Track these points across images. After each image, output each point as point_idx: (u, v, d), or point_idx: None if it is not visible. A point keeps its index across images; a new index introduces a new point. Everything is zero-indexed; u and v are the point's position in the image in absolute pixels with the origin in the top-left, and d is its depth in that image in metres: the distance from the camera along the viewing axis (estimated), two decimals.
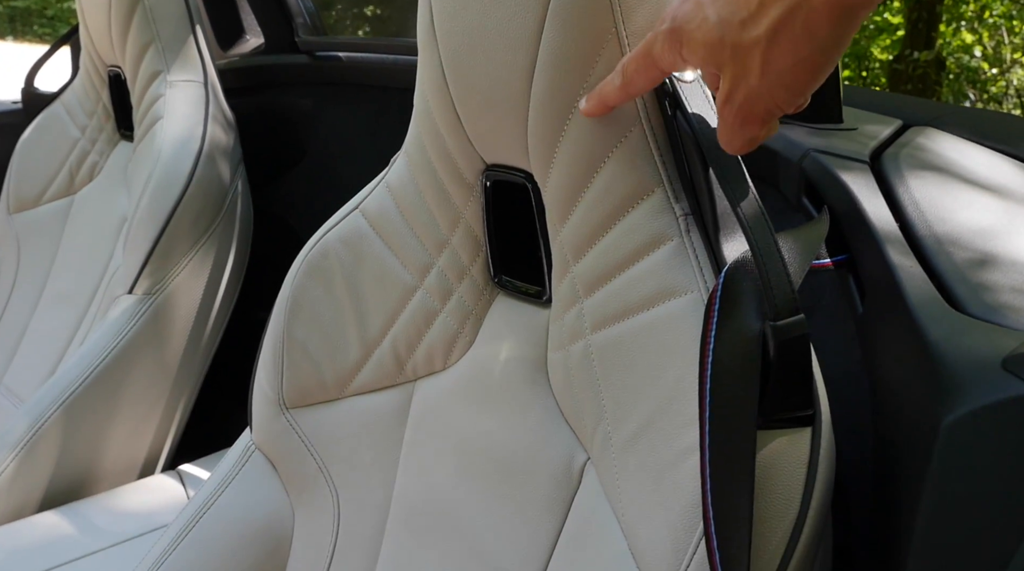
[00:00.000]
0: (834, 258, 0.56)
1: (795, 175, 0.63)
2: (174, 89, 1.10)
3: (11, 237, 1.27)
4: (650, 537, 0.48)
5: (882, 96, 0.82)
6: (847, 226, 0.57)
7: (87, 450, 0.98)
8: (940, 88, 6.14)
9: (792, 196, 0.64)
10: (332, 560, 0.69)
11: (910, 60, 5.83)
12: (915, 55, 5.82)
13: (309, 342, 0.69)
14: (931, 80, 5.94)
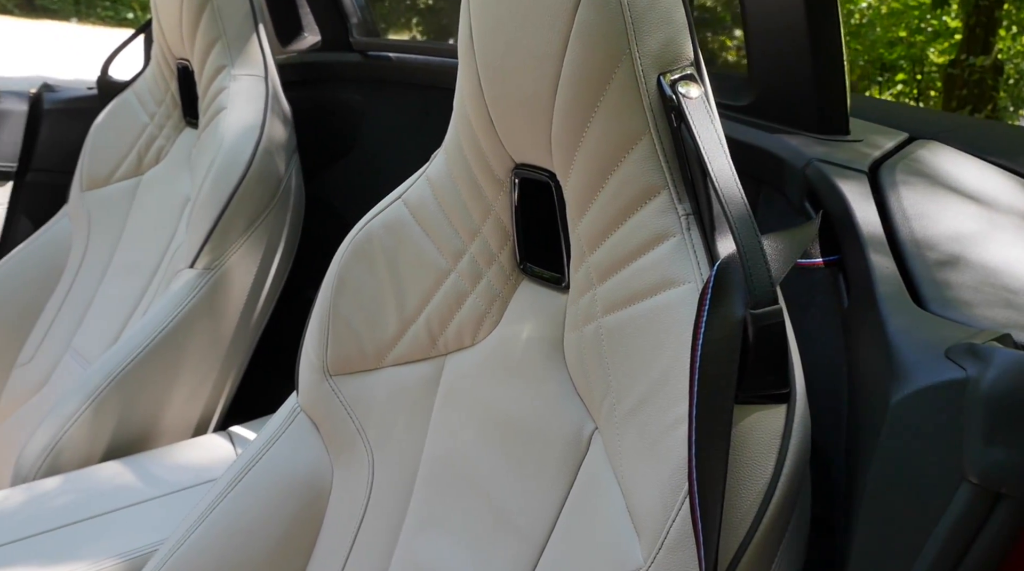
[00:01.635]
0: (826, 258, 0.62)
1: (799, 181, 0.69)
2: (237, 82, 1.19)
3: (83, 212, 1.37)
4: (643, 496, 0.55)
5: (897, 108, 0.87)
6: (840, 229, 0.62)
7: (148, 408, 1.08)
8: (997, 94, 6.04)
9: (796, 200, 0.70)
10: (366, 512, 0.76)
11: (966, 65, 5.75)
12: (972, 60, 5.73)
13: (352, 316, 0.77)
14: (988, 86, 5.85)
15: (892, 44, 6.27)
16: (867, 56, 6.30)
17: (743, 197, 0.52)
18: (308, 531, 0.78)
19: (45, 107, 1.52)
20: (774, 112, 0.77)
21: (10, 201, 1.52)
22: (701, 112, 0.55)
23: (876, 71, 6.49)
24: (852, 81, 5.96)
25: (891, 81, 6.53)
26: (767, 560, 0.51)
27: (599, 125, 0.57)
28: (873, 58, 6.33)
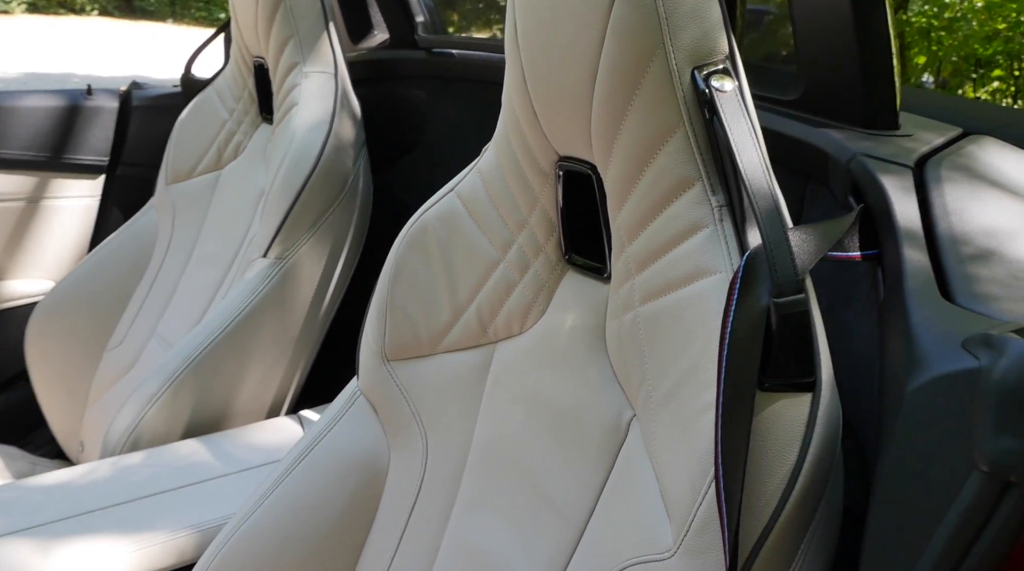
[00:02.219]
0: (865, 252, 0.62)
1: (842, 176, 0.69)
2: (308, 79, 1.24)
3: (168, 204, 1.45)
4: (674, 480, 0.57)
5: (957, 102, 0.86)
6: (879, 224, 0.63)
7: (223, 391, 1.14)
8: None
9: (840, 195, 0.70)
10: (420, 492, 0.80)
11: None
12: None
13: (408, 304, 0.81)
14: None
15: (988, 39, 5.99)
16: (960, 52, 6.03)
17: (771, 190, 0.53)
18: (367, 509, 0.83)
19: (133, 104, 1.61)
20: (822, 107, 0.77)
21: (102, 193, 1.62)
22: (734, 106, 0.56)
23: (970, 68, 6.21)
24: (944, 78, 5.72)
25: (986, 78, 6.24)
26: (792, 545, 0.52)
27: (635, 118, 0.59)
28: (967, 54, 6.06)
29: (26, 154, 1.54)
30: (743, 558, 0.51)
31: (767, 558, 0.52)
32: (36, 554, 0.83)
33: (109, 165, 1.62)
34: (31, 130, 1.54)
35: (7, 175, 1.54)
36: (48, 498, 0.93)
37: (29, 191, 1.57)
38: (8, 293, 1.59)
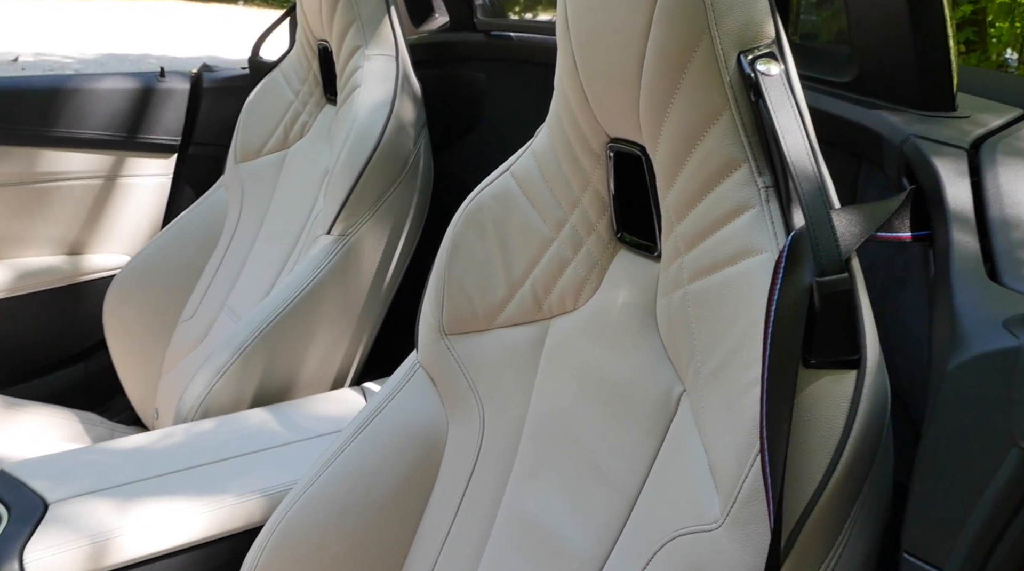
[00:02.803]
0: (916, 233, 0.62)
1: (896, 158, 0.69)
2: (371, 62, 1.27)
3: (237, 183, 1.51)
4: (722, 454, 0.59)
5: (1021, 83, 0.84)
6: (931, 205, 0.63)
7: (289, 362, 1.19)
8: None
9: (893, 177, 0.71)
10: (477, 463, 0.83)
11: None
12: None
13: (465, 280, 0.84)
14: None
15: None
16: None
17: (816, 172, 0.54)
18: (425, 478, 0.86)
19: (204, 86, 1.67)
20: (877, 88, 0.76)
21: (174, 172, 1.69)
22: (779, 89, 0.57)
23: None
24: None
25: None
26: (838, 519, 0.54)
27: (682, 101, 0.60)
28: None
29: (104, 134, 1.61)
30: (788, 530, 0.53)
31: (812, 530, 0.53)
32: (116, 512, 0.89)
33: (181, 145, 1.68)
34: (108, 111, 1.61)
35: (86, 154, 1.61)
36: (126, 461, 0.99)
37: (106, 169, 1.64)
38: (87, 266, 1.67)
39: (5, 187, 1.58)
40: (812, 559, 0.53)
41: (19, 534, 0.84)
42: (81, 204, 1.64)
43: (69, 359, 1.68)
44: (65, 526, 0.86)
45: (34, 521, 0.86)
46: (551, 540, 0.74)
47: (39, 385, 1.60)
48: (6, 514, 0.87)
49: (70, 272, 1.65)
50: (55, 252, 1.66)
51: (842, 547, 0.54)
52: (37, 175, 1.59)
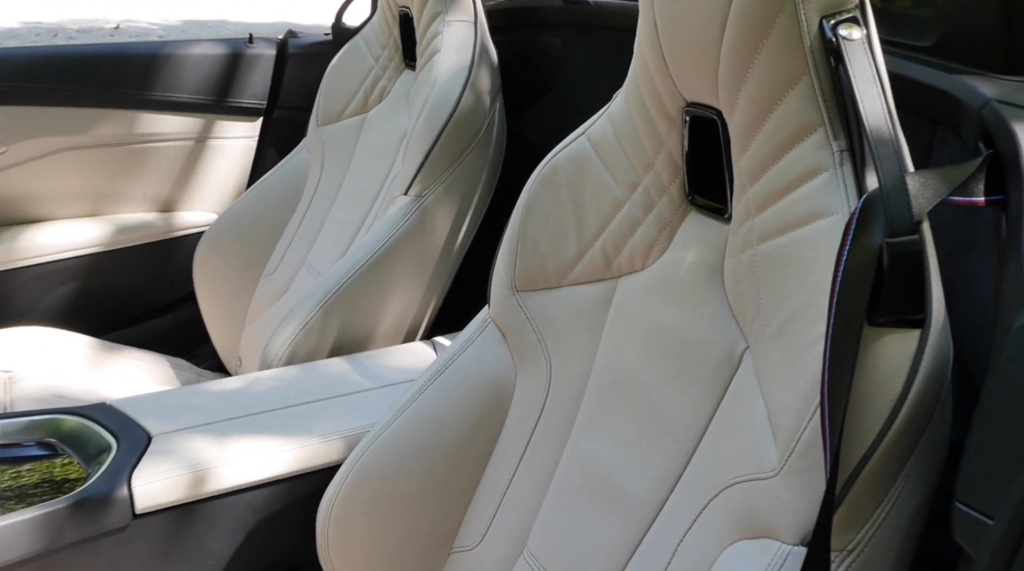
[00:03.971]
0: (990, 198, 0.63)
1: (974, 122, 0.70)
2: (450, 28, 1.31)
3: (318, 145, 1.57)
4: (782, 407, 0.61)
5: None
6: (1007, 170, 0.63)
7: (366, 315, 1.25)
8: None
9: (970, 141, 0.71)
10: (542, 412, 0.87)
11: None
12: None
13: (538, 239, 0.87)
14: None
15: None
16: None
17: (893, 136, 0.55)
18: (493, 425, 0.90)
19: (289, 51, 1.73)
20: (959, 52, 0.76)
21: (260, 134, 1.76)
22: (860, 54, 0.58)
23: None
24: None
25: None
26: (892, 472, 0.56)
27: (761, 66, 0.62)
28: None
29: (195, 98, 1.69)
30: (843, 479, 0.55)
31: (866, 482, 0.55)
32: (212, 445, 0.96)
33: (266, 108, 1.75)
34: (199, 76, 1.68)
35: (179, 117, 1.70)
36: (220, 401, 1.06)
37: (197, 132, 1.72)
38: (179, 223, 1.76)
39: (107, 147, 1.68)
40: (864, 508, 0.56)
41: (127, 462, 0.92)
42: (174, 164, 1.73)
43: (161, 309, 1.78)
44: (167, 456, 0.93)
45: (140, 451, 0.93)
46: (610, 487, 0.78)
47: (134, 332, 1.70)
48: (115, 444, 0.95)
49: (163, 228, 1.75)
50: (150, 209, 1.75)
51: (894, 499, 0.56)
52: (135, 136, 1.68)
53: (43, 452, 0.98)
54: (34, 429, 0.99)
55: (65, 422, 1.00)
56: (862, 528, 0.56)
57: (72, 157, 1.65)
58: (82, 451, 0.96)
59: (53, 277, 1.66)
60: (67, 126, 1.62)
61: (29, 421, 1.00)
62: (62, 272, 1.66)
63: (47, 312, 1.65)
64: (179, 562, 0.94)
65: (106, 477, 0.90)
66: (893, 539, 0.56)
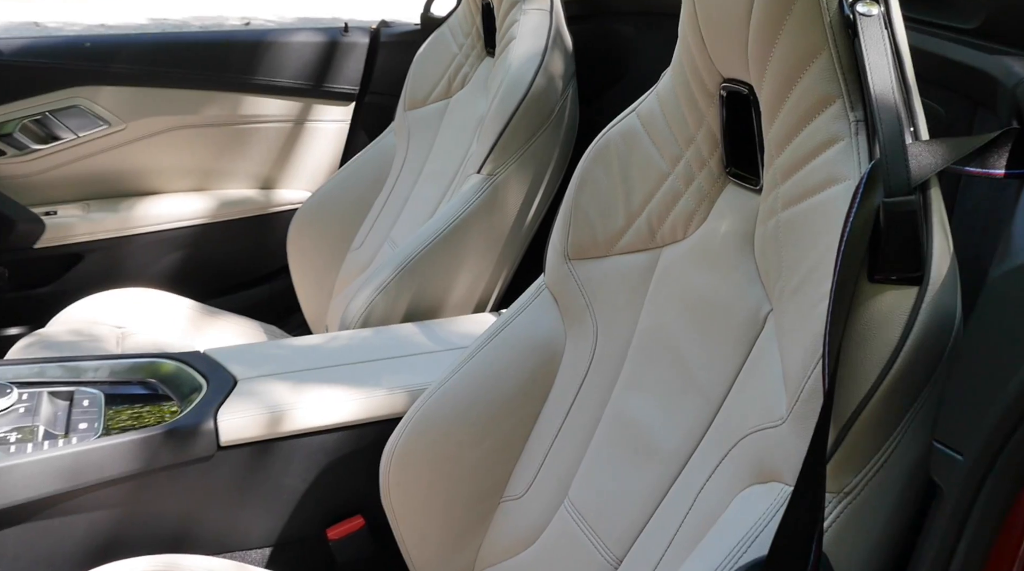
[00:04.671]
0: (1011, 171, 0.65)
1: (1008, 100, 0.72)
2: (527, 16, 1.38)
3: (404, 128, 1.66)
4: (792, 360, 0.65)
5: None
6: None
7: (438, 286, 1.33)
8: None
9: (1004, 119, 0.73)
10: (588, 372, 0.93)
11: None
12: None
13: (589, 210, 0.93)
14: None
15: None
16: None
17: (898, 104, 0.59)
18: (543, 383, 0.97)
19: (381, 40, 1.84)
20: (1003, 34, 0.78)
21: (352, 118, 1.88)
22: (875, 29, 0.62)
23: None
24: None
25: None
26: (890, 422, 0.59)
27: (785, 41, 0.66)
28: None
29: (293, 82, 1.82)
30: (840, 426, 0.59)
31: (863, 428, 0.59)
32: (289, 391, 1.06)
33: (359, 94, 1.86)
34: (298, 62, 1.81)
35: (279, 100, 1.83)
36: (300, 354, 1.16)
37: (294, 114, 1.85)
38: (276, 200, 1.90)
39: (213, 127, 1.82)
40: (862, 453, 0.59)
41: (215, 400, 1.02)
42: (273, 144, 1.86)
43: (258, 279, 1.92)
44: (249, 397, 1.04)
45: (226, 392, 1.04)
46: (644, 439, 0.83)
47: (232, 299, 1.84)
48: (205, 385, 1.06)
49: (262, 203, 1.88)
50: (250, 186, 1.89)
51: (893, 447, 0.59)
52: (239, 117, 1.82)
53: (145, 390, 1.10)
54: (138, 370, 1.12)
55: (164, 365, 1.12)
56: (859, 472, 0.60)
57: (182, 135, 1.80)
58: (177, 390, 1.08)
59: (163, 245, 1.82)
60: (179, 106, 1.77)
61: (134, 363, 1.12)
62: (171, 241, 1.82)
63: (156, 276, 1.81)
64: (257, 493, 1.04)
65: (196, 412, 1.01)
66: (892, 485, 0.60)
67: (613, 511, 0.84)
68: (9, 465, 0.91)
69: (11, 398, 1.01)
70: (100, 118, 1.74)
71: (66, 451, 0.94)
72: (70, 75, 1.70)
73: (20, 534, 0.94)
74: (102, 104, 1.73)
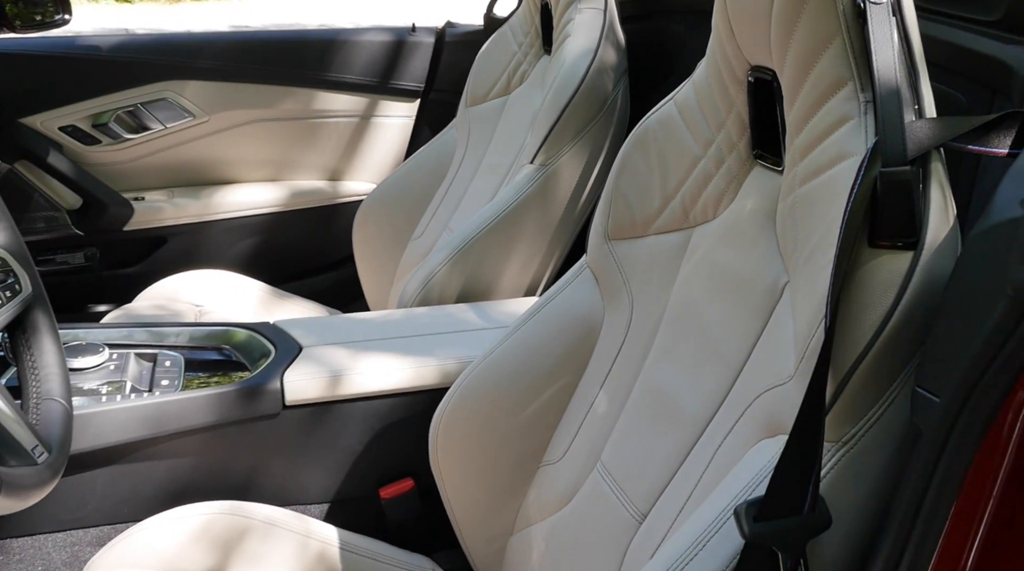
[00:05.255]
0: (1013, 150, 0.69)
1: (1021, 88, 0.75)
2: (581, 14, 1.45)
3: (465, 124, 1.75)
4: (801, 323, 0.71)
5: None
6: None
7: (491, 269, 1.41)
8: None
9: (1018, 105, 0.77)
10: (623, 344, 0.99)
11: None
12: None
13: (628, 193, 0.99)
14: None
15: None
16: None
17: (900, 85, 0.64)
18: (582, 355, 1.03)
19: (446, 39, 1.93)
20: (1022, 26, 0.82)
21: (417, 114, 1.97)
22: (882, 15, 0.67)
23: None
24: None
25: None
26: (886, 378, 0.64)
27: (803, 28, 0.72)
28: None
29: (362, 79, 1.92)
30: (839, 379, 0.64)
31: (860, 382, 0.64)
32: (349, 358, 1.15)
33: (424, 91, 1.96)
34: (367, 60, 1.91)
35: (348, 96, 1.94)
36: (359, 327, 1.25)
37: (362, 110, 1.96)
38: (343, 191, 2.01)
39: (288, 121, 1.94)
40: (860, 405, 0.64)
41: (281, 364, 1.12)
42: (342, 138, 1.97)
43: (325, 266, 2.03)
44: (313, 362, 1.13)
45: (291, 356, 1.14)
46: (671, 405, 0.89)
47: (300, 285, 1.96)
48: (273, 350, 1.16)
49: (330, 194, 2.00)
50: (319, 177, 2.01)
51: (890, 400, 0.64)
52: (310, 112, 1.94)
53: (219, 356, 1.21)
54: (214, 337, 1.22)
55: (237, 333, 1.22)
56: (857, 423, 0.65)
57: (259, 128, 1.92)
58: (248, 355, 1.18)
59: (238, 231, 1.94)
60: (257, 101, 1.90)
61: (210, 330, 1.23)
62: (246, 227, 1.95)
63: (232, 259, 1.93)
64: (316, 451, 1.13)
65: (264, 374, 1.11)
66: (888, 436, 0.64)
67: (640, 471, 0.90)
68: (100, 411, 1.02)
69: (103, 356, 1.12)
70: (186, 110, 1.87)
71: (150, 401, 1.05)
72: (160, 70, 1.84)
73: (108, 474, 1.05)
74: (188, 97, 1.86)
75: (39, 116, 1.79)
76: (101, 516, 1.07)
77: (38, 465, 0.73)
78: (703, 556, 0.67)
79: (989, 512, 0.53)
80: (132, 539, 0.99)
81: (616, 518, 0.91)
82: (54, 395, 0.83)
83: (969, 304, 0.54)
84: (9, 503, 0.67)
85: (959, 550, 0.54)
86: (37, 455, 0.73)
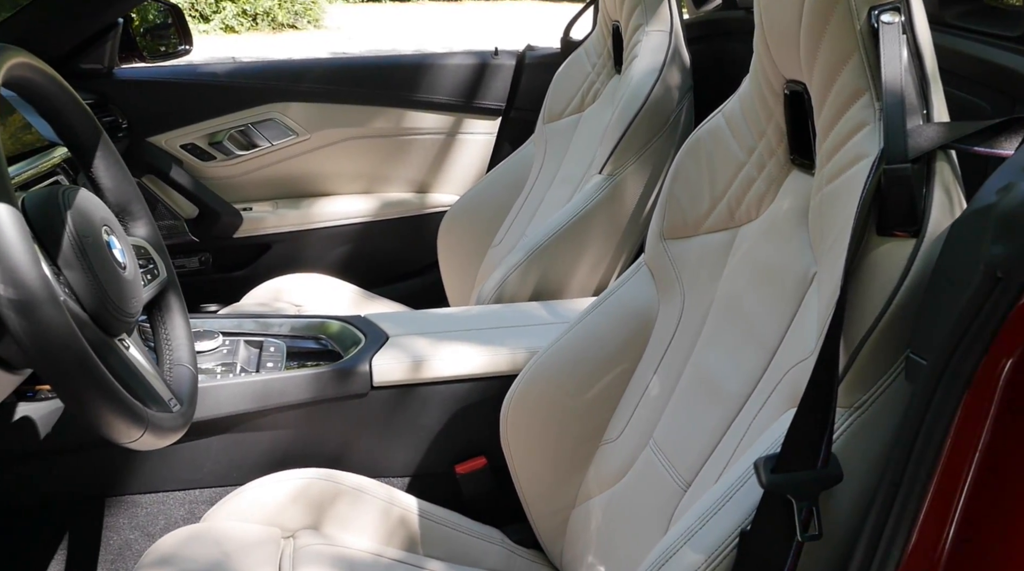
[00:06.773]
0: None
1: None
2: (648, 37, 1.56)
3: (542, 140, 1.88)
4: (823, 302, 0.80)
5: None
6: None
7: (561, 272, 1.52)
8: None
9: None
10: (675, 334, 1.09)
11: None
12: None
13: (681, 197, 1.09)
14: None
15: None
16: None
17: (904, 93, 0.73)
18: (638, 344, 1.14)
19: (526, 62, 2.07)
20: None
21: (498, 131, 2.12)
22: (893, 33, 0.76)
23: None
24: None
25: None
26: (895, 349, 0.72)
27: (827, 45, 0.81)
28: None
29: (448, 99, 2.08)
30: (851, 350, 0.73)
31: (869, 354, 0.72)
32: (430, 346, 1.28)
33: (505, 109, 2.10)
34: (453, 81, 2.07)
35: (435, 115, 2.10)
36: (440, 320, 1.39)
37: (447, 127, 2.11)
38: (429, 203, 2.16)
39: (379, 138, 2.11)
40: (870, 375, 0.73)
41: (371, 350, 1.26)
42: (428, 154, 2.13)
43: (412, 272, 2.19)
44: (398, 349, 1.27)
45: (379, 344, 1.28)
46: (715, 385, 0.98)
47: (389, 289, 2.11)
48: (364, 338, 1.30)
49: (417, 205, 2.15)
50: (407, 190, 2.17)
51: (896, 373, 0.72)
52: (400, 130, 2.11)
53: (316, 345, 1.36)
54: (312, 328, 1.38)
55: (331, 325, 1.37)
56: (868, 391, 0.73)
57: (354, 145, 2.10)
58: (341, 343, 1.33)
59: (334, 238, 2.12)
60: (351, 120, 2.08)
61: (309, 321, 1.39)
62: (341, 235, 2.12)
63: (328, 264, 2.11)
64: (400, 429, 1.27)
65: (355, 358, 1.25)
66: (896, 403, 0.73)
67: (686, 445, 1.00)
68: (216, 385, 1.18)
69: (217, 342, 1.29)
70: (290, 129, 2.07)
71: (257, 379, 1.20)
72: (268, 93, 2.04)
73: (221, 441, 1.21)
74: (292, 118, 2.06)
75: (164, 135, 2.02)
76: (214, 478, 1.23)
77: (172, 413, 0.88)
78: (729, 507, 0.76)
79: (976, 459, 0.62)
80: (241, 496, 1.14)
81: (664, 488, 1.01)
82: (184, 361, 0.99)
83: (951, 279, 0.63)
84: (152, 440, 0.82)
85: (949, 492, 0.62)
86: (172, 405, 0.88)
